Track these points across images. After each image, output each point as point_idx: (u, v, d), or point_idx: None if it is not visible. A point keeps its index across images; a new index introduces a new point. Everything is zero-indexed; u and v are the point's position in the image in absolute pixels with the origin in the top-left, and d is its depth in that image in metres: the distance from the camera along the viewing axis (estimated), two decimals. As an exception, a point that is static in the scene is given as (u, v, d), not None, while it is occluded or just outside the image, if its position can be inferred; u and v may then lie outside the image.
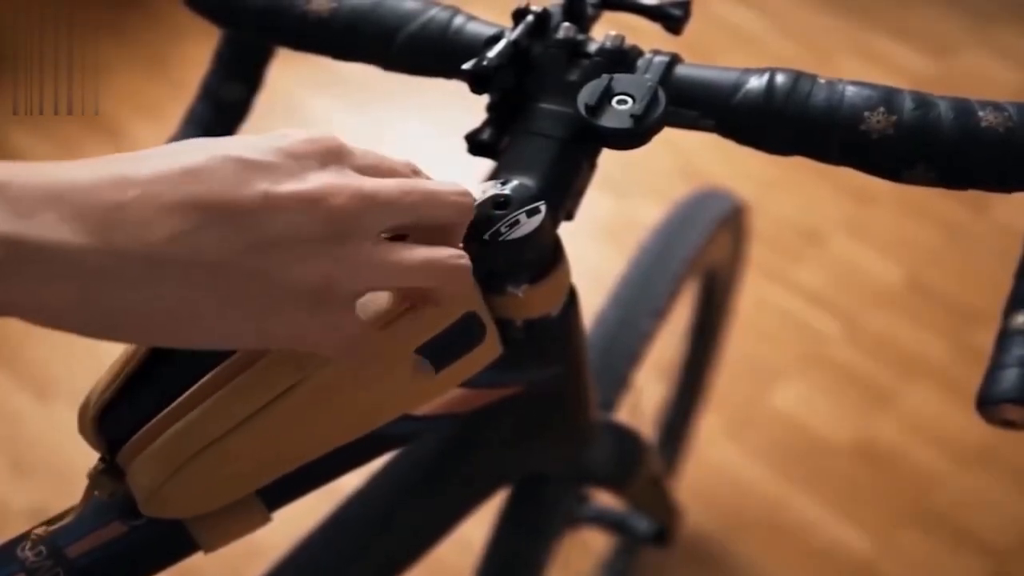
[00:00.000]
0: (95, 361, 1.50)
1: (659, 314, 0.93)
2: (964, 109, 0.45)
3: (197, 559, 0.48)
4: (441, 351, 0.46)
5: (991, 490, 1.37)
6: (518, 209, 0.46)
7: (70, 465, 1.39)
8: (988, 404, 0.42)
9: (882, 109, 0.45)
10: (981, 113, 0.44)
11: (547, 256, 0.49)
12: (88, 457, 0.45)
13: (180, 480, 0.43)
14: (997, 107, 0.44)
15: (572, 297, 0.55)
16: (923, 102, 0.45)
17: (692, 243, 0.98)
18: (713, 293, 1.19)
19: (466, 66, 0.50)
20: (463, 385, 0.51)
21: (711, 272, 1.14)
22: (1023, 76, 1.86)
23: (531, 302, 0.49)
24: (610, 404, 0.86)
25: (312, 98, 1.82)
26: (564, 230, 0.52)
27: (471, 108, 0.64)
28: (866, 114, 0.45)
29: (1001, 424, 0.42)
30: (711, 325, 1.23)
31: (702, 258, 1.01)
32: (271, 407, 0.42)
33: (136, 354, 0.44)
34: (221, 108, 0.64)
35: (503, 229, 0.46)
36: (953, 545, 1.32)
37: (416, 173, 0.41)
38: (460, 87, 0.53)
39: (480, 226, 0.46)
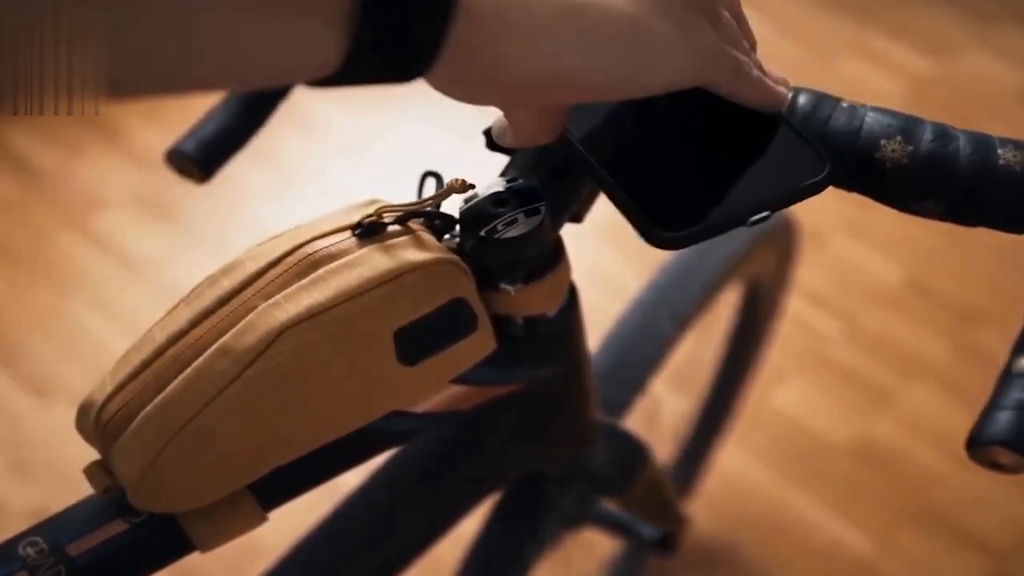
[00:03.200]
0: (95, 361, 1.50)
1: (683, 320, 0.91)
2: (983, 144, 0.44)
3: (198, 559, 0.48)
4: (427, 337, 0.46)
5: (991, 490, 1.37)
6: (517, 208, 0.46)
7: (70, 465, 1.39)
8: (979, 444, 0.40)
9: (899, 138, 0.44)
10: (1000, 151, 0.43)
11: (545, 256, 0.50)
12: (88, 458, 0.45)
13: (164, 466, 0.43)
14: (1018, 146, 0.43)
15: (572, 297, 0.55)
16: (943, 134, 0.44)
17: (726, 254, 0.96)
18: (754, 312, 1.16)
19: None
20: (462, 382, 0.51)
21: (752, 290, 1.11)
22: (1023, 76, 1.86)
23: (527, 300, 0.49)
24: (623, 406, 0.85)
25: (313, 99, 1.81)
26: (567, 230, 0.52)
27: (471, 109, 0.64)
28: (883, 142, 0.44)
29: (989, 466, 0.41)
30: (747, 345, 1.21)
31: (737, 271, 0.98)
32: (240, 380, 0.42)
33: (146, 361, 0.44)
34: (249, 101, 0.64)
35: (500, 227, 0.46)
36: (953, 545, 1.32)
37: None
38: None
39: (478, 222, 0.46)
